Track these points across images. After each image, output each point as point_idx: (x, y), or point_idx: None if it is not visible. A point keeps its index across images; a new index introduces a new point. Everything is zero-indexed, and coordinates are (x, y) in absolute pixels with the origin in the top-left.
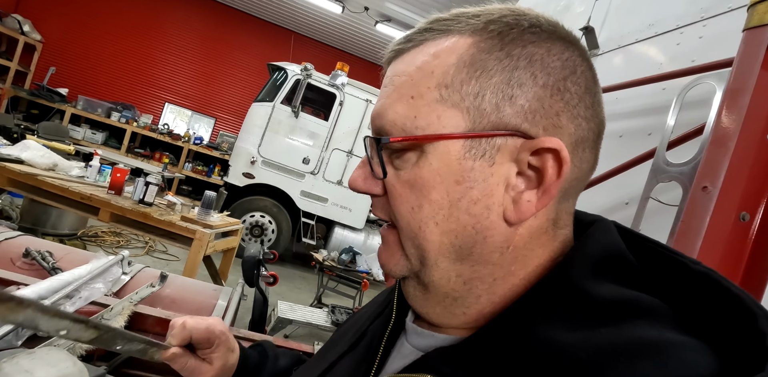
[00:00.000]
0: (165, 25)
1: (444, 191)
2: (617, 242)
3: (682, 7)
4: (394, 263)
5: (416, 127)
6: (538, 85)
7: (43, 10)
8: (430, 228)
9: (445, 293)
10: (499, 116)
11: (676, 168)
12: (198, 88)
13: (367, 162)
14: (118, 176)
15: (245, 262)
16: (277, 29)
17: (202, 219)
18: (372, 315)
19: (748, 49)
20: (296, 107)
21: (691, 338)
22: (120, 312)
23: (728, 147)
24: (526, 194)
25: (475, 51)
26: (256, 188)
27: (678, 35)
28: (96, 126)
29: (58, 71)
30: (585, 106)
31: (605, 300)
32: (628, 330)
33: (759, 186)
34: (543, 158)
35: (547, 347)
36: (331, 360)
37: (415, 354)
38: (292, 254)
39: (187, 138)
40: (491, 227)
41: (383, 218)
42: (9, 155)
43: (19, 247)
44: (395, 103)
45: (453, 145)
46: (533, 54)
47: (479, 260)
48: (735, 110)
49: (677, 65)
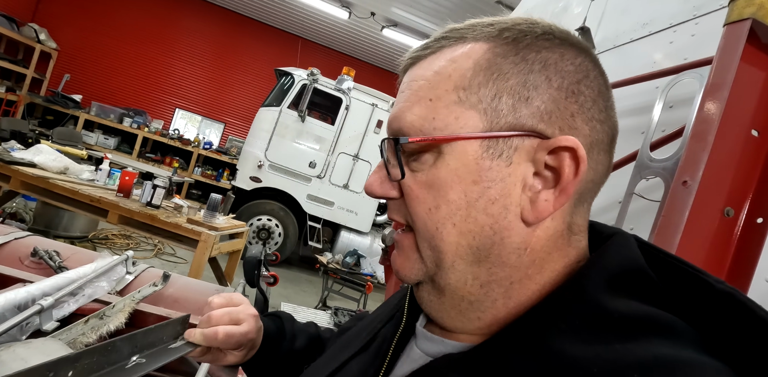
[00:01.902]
0: (176, 33)
1: (462, 191)
2: (636, 256)
3: (675, 6)
4: (410, 268)
5: (434, 128)
6: (553, 88)
7: (58, 19)
8: (448, 229)
9: (461, 296)
10: (516, 116)
11: (659, 164)
12: (208, 94)
13: (383, 166)
14: (126, 180)
15: (246, 263)
16: (284, 35)
17: (208, 221)
18: (384, 318)
19: (728, 43)
20: (303, 112)
21: (711, 359)
22: (121, 309)
23: (707, 141)
24: (543, 193)
25: (491, 56)
26: (264, 191)
27: (671, 34)
28: (108, 131)
29: (72, 78)
30: (599, 109)
31: (621, 314)
32: (643, 346)
33: (744, 182)
34: (560, 157)
35: (558, 359)
36: (342, 360)
37: (423, 360)
38: (299, 257)
39: (196, 143)
40: (509, 227)
41: (399, 221)
42: (22, 159)
43: (27, 246)
44: (413, 106)
45: (470, 145)
46: (547, 58)
47: (496, 262)
48: (714, 105)
49: (670, 63)
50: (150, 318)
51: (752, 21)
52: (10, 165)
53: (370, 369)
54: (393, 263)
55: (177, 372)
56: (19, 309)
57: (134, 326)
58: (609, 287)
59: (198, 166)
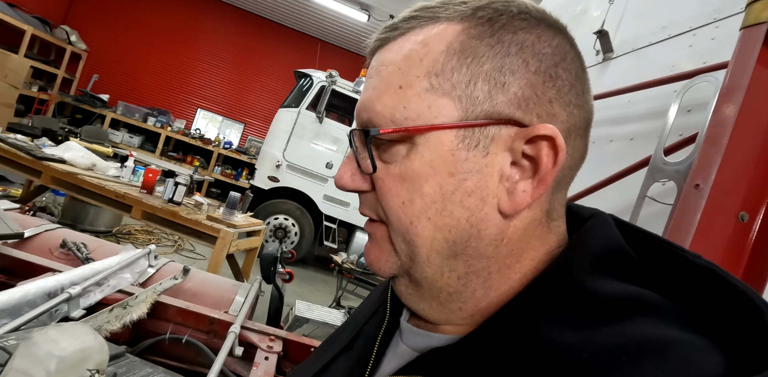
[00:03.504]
0: (199, 35)
1: (437, 183)
2: (616, 236)
3: (695, 9)
4: (384, 261)
5: (406, 118)
6: (530, 72)
7: (88, 22)
8: (423, 223)
9: (439, 288)
10: (492, 104)
11: (672, 167)
12: (228, 95)
13: (353, 158)
14: (150, 177)
15: (263, 259)
16: (304, 37)
17: (227, 219)
18: (367, 313)
19: (744, 47)
20: (321, 113)
21: (695, 335)
22: (143, 300)
23: (721, 145)
24: (521, 184)
25: (465, 37)
26: (281, 191)
27: (691, 37)
28: (133, 130)
29: (100, 78)
30: (576, 93)
31: (607, 296)
32: (631, 328)
33: (759, 186)
34: (538, 147)
35: (548, 347)
36: (327, 359)
37: (410, 355)
38: (314, 257)
39: (217, 143)
40: (485, 219)
41: (371, 216)
42: (53, 155)
43: (57, 238)
44: (383, 94)
45: (446, 135)
46: (524, 40)
47: (473, 255)
48: (728, 108)
49: (689, 67)
50: (170, 309)
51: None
52: (41, 161)
53: (356, 367)
54: (366, 255)
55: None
56: (49, 296)
57: (155, 316)
58: (593, 269)
59: (218, 165)
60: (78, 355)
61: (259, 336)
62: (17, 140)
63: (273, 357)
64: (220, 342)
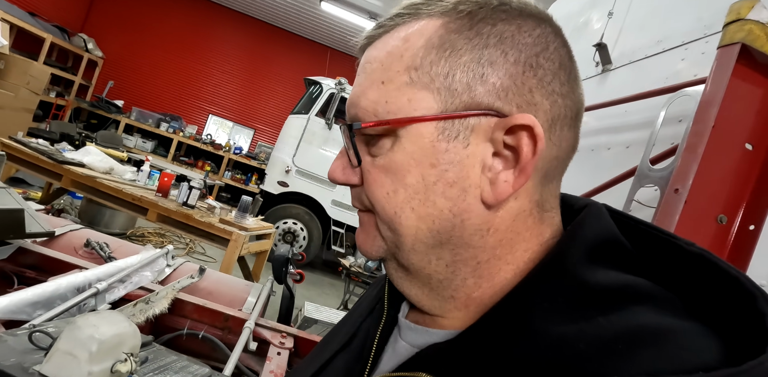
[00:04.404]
0: (211, 43)
1: (419, 174)
2: (610, 226)
3: (688, 24)
4: (371, 245)
5: (387, 111)
6: (510, 62)
7: (105, 29)
8: (407, 214)
9: (428, 274)
10: (471, 95)
11: (656, 173)
12: (239, 101)
13: (345, 153)
14: (165, 180)
15: (275, 260)
16: (314, 45)
17: (239, 222)
18: (364, 311)
19: (720, 63)
20: (330, 119)
21: (691, 322)
22: (164, 296)
23: (698, 153)
24: (502, 174)
25: (444, 32)
26: (290, 196)
27: (683, 51)
28: (146, 135)
29: (115, 85)
30: (560, 82)
31: (602, 286)
32: (626, 317)
33: (737, 191)
34: (518, 136)
35: (544, 340)
36: (325, 358)
37: (409, 351)
38: (322, 261)
39: (227, 148)
40: (468, 209)
41: (359, 207)
42: (73, 159)
43: (80, 238)
44: (367, 90)
45: (425, 127)
46: (503, 31)
47: (459, 244)
48: (705, 119)
49: (681, 79)
50: (188, 306)
51: (741, 45)
52: (62, 165)
53: (355, 365)
54: (357, 238)
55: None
56: (78, 290)
57: (173, 313)
58: (587, 260)
59: (228, 170)
60: (115, 339)
61: (272, 332)
62: (39, 145)
63: (285, 353)
64: (234, 338)
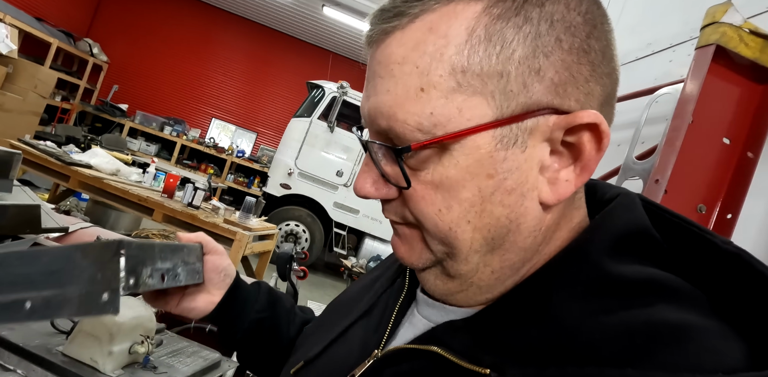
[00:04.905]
0: (215, 48)
1: (475, 187)
2: (641, 217)
3: (676, 28)
4: (417, 258)
5: (435, 125)
6: (564, 51)
7: (110, 34)
8: (462, 228)
9: (471, 282)
10: (528, 95)
11: (640, 166)
12: (242, 105)
13: (371, 164)
14: (171, 182)
15: (279, 258)
16: (316, 49)
17: (243, 222)
18: (385, 282)
19: (697, 63)
20: (332, 123)
21: (717, 322)
22: None
23: (675, 146)
24: (562, 173)
25: (488, 20)
26: (292, 198)
27: (671, 53)
28: (150, 139)
29: (120, 89)
30: (607, 61)
31: (624, 278)
32: (647, 311)
33: (716, 182)
34: (579, 134)
35: (561, 326)
36: (345, 325)
37: (425, 325)
38: (324, 263)
39: (230, 151)
40: (525, 213)
41: (397, 220)
42: (80, 161)
43: (91, 235)
44: (403, 99)
45: (482, 138)
46: (553, 13)
47: (511, 248)
48: (683, 115)
49: (669, 80)
50: None
51: (716, 46)
52: (70, 166)
53: (373, 335)
54: (395, 249)
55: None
56: None
57: None
58: (612, 250)
59: (231, 173)
60: (133, 322)
61: None
62: (47, 147)
63: None
64: None
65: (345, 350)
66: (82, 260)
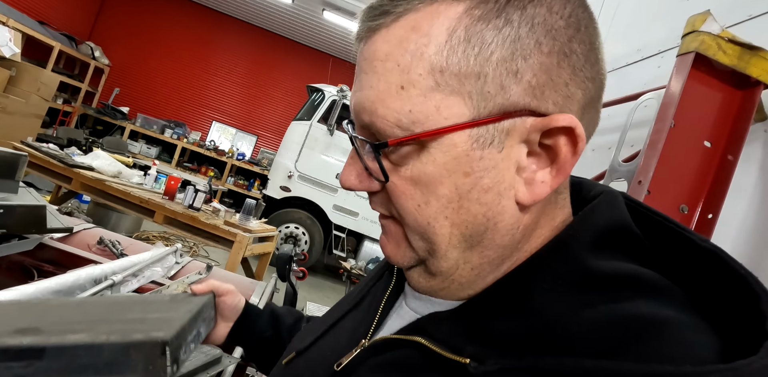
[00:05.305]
0: (215, 51)
1: (452, 184)
2: (623, 214)
3: (664, 34)
4: (401, 256)
5: (413, 122)
6: (544, 54)
7: (111, 38)
8: (440, 222)
9: (452, 279)
10: (506, 96)
11: (624, 168)
12: (242, 108)
13: (357, 157)
14: (172, 184)
15: (279, 259)
16: (316, 53)
17: (243, 224)
18: (375, 275)
19: (678, 69)
20: (332, 126)
21: (692, 317)
22: (175, 289)
23: (657, 149)
24: (539, 174)
25: (469, 21)
26: (292, 201)
27: (659, 59)
28: (151, 141)
29: (121, 92)
30: (591, 64)
31: (603, 273)
32: (625, 305)
33: (698, 183)
34: (555, 137)
35: (540, 319)
36: (336, 317)
37: (412, 317)
38: (323, 265)
39: (230, 154)
40: (502, 211)
41: (384, 213)
42: (83, 163)
43: (94, 236)
44: (384, 95)
45: (458, 136)
46: (534, 16)
47: (489, 246)
48: (665, 119)
49: (657, 84)
50: None
51: (696, 53)
52: (72, 168)
53: (361, 325)
54: (383, 247)
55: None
56: (95, 282)
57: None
58: (593, 246)
59: (231, 176)
60: None
61: None
62: (50, 149)
63: None
64: None
65: (334, 340)
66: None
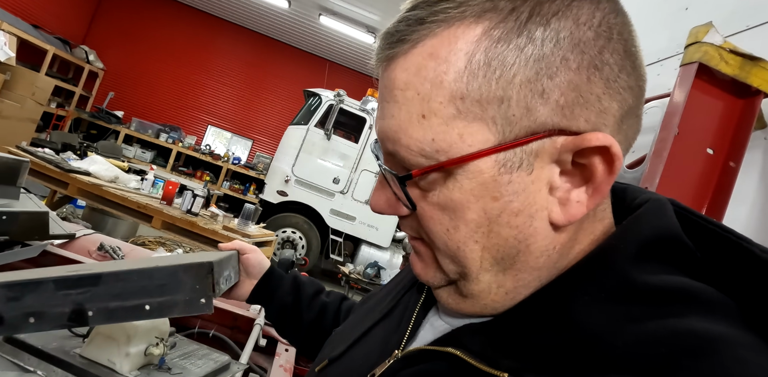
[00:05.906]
0: (211, 55)
1: (481, 209)
2: (671, 224)
3: (664, 43)
4: (432, 276)
5: (436, 150)
6: (572, 70)
7: (106, 42)
8: (470, 247)
9: (485, 304)
10: (532, 118)
11: (630, 175)
12: (238, 113)
13: (385, 183)
14: (170, 189)
15: (281, 263)
16: (313, 58)
17: (241, 229)
18: (407, 284)
19: (682, 79)
20: (329, 130)
21: (746, 333)
22: None
23: (663, 157)
24: (574, 193)
25: (489, 44)
26: (289, 205)
27: (659, 67)
28: (146, 146)
29: (116, 96)
30: (627, 73)
31: (651, 287)
32: (674, 321)
33: (701, 190)
34: (589, 157)
35: (581, 332)
36: (367, 326)
37: (445, 328)
38: (321, 270)
39: (226, 158)
40: (535, 233)
41: (414, 235)
42: (79, 168)
43: (94, 242)
44: (406, 125)
45: (484, 163)
46: (560, 31)
47: (523, 268)
48: (669, 127)
49: (657, 92)
50: None
51: (699, 64)
52: (68, 173)
53: (393, 336)
54: (413, 267)
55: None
56: None
57: None
58: (637, 257)
59: (226, 180)
60: (149, 324)
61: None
62: (46, 154)
63: (292, 350)
64: (243, 336)
65: (366, 350)
66: (184, 276)
